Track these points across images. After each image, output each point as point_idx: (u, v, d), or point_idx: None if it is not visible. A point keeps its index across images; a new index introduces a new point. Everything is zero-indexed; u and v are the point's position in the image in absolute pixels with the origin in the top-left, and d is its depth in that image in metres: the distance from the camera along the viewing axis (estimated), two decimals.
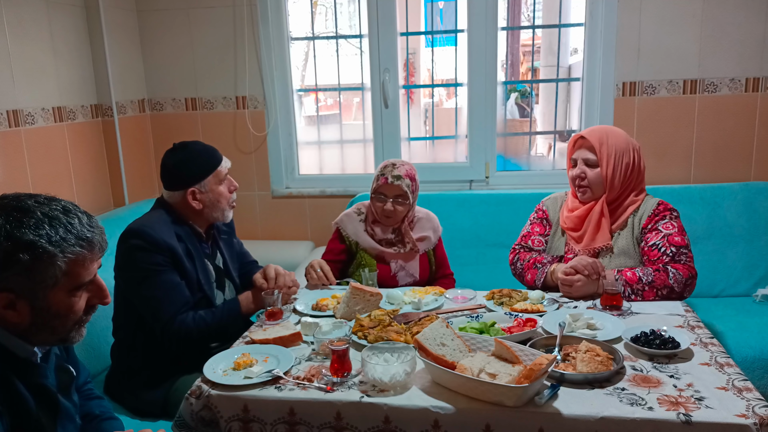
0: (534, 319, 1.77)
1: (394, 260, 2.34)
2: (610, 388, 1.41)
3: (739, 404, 1.31)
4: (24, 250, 1.08)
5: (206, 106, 3.43)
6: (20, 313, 1.12)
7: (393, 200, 2.26)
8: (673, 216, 2.10)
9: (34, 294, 1.11)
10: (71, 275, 1.14)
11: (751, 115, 3.03)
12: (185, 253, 1.92)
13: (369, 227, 2.35)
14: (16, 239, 1.07)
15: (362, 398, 1.42)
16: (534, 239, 2.28)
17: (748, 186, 2.93)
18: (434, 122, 3.78)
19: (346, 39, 3.49)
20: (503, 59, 3.37)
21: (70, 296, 1.16)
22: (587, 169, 2.14)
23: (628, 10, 2.99)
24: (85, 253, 1.15)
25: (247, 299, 2.01)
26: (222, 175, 2.00)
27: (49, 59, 2.79)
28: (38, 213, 1.11)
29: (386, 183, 2.25)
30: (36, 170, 2.68)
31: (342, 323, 1.77)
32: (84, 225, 1.16)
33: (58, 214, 1.13)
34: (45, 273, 1.10)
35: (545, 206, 2.33)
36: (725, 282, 2.86)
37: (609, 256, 2.11)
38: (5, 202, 1.12)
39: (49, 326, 1.16)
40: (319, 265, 2.21)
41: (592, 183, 2.14)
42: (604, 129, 2.19)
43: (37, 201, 1.14)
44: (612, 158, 2.11)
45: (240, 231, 2.42)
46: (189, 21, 3.33)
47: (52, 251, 1.10)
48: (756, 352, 2.29)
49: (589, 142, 2.13)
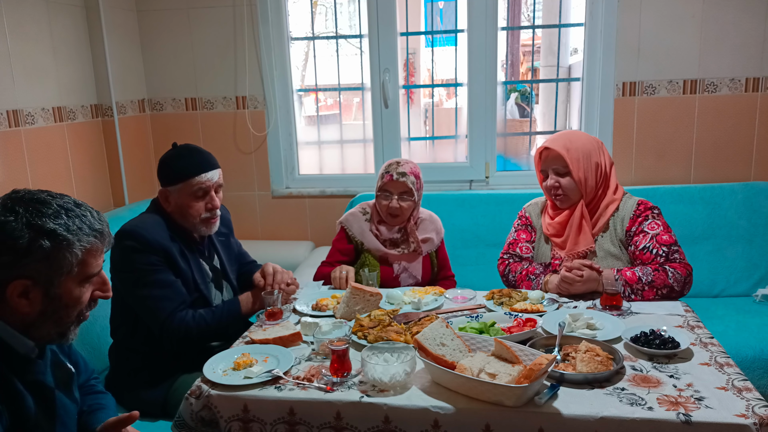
0: (534, 319, 1.77)
1: (397, 262, 2.33)
2: (609, 388, 1.41)
3: (738, 404, 1.31)
4: (45, 237, 1.13)
5: (206, 106, 3.43)
6: (32, 301, 1.16)
7: (398, 197, 2.26)
8: (655, 214, 2.11)
9: (50, 281, 1.16)
10: (84, 265, 1.19)
11: (751, 115, 3.03)
12: (179, 253, 1.91)
13: (374, 227, 2.35)
14: (37, 227, 1.13)
15: (362, 398, 1.42)
16: (522, 246, 2.29)
17: (748, 186, 2.93)
18: (434, 122, 3.78)
19: (346, 39, 3.49)
20: (503, 59, 3.37)
21: (80, 286, 1.21)
22: (559, 178, 2.14)
23: (628, 10, 2.99)
24: (97, 243, 1.21)
25: (247, 299, 2.00)
26: (194, 187, 1.89)
27: (49, 59, 2.80)
28: (54, 204, 1.17)
29: (391, 180, 2.25)
30: (36, 170, 2.69)
31: (342, 323, 1.77)
32: (95, 218, 1.22)
33: (71, 206, 1.20)
34: (63, 260, 1.15)
35: (528, 212, 2.35)
36: (725, 282, 2.86)
37: (594, 259, 2.11)
38: (21, 195, 1.17)
39: (56, 316, 1.20)
40: (345, 270, 2.20)
41: (567, 191, 2.14)
42: (566, 135, 2.20)
43: (50, 195, 1.20)
44: (581, 162, 2.12)
45: (240, 231, 2.43)
46: (189, 21, 3.33)
47: (71, 239, 1.16)
48: (756, 352, 2.30)
49: (555, 151, 2.13)
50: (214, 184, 1.94)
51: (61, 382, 1.31)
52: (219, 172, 1.97)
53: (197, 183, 1.90)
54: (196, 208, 1.91)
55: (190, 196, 1.90)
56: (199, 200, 1.91)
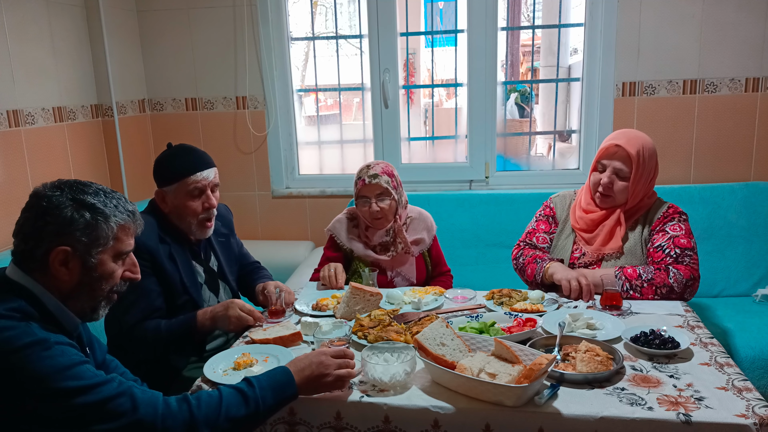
0: (534, 319, 1.77)
1: (389, 268, 2.31)
2: (609, 388, 1.41)
3: (738, 404, 1.31)
4: (87, 209, 1.28)
5: (206, 106, 3.43)
6: (71, 270, 1.28)
7: (376, 200, 2.22)
8: (682, 219, 2.09)
9: (88, 251, 1.28)
10: (118, 240, 1.32)
11: (751, 115, 3.03)
12: (167, 255, 1.90)
13: (362, 234, 2.32)
14: (80, 201, 1.28)
15: (362, 398, 1.42)
16: (539, 236, 2.26)
17: (748, 186, 2.93)
18: (434, 122, 3.78)
19: (346, 39, 3.50)
20: (503, 59, 3.37)
21: (114, 262, 1.33)
22: (616, 179, 2.07)
23: (628, 10, 2.99)
24: (129, 222, 1.35)
25: (204, 315, 1.87)
26: (189, 186, 1.89)
27: (49, 59, 2.80)
28: (94, 186, 1.34)
29: (365, 184, 2.21)
30: (36, 170, 2.69)
31: (342, 323, 1.77)
32: (126, 201, 1.37)
33: (108, 190, 1.36)
34: (100, 232, 1.29)
35: (553, 203, 2.31)
36: (725, 282, 2.86)
37: (617, 259, 2.10)
38: (63, 180, 1.33)
39: (91, 288, 1.31)
40: (333, 267, 2.19)
41: (616, 193, 2.09)
42: (640, 140, 2.08)
43: (90, 182, 1.36)
44: (643, 177, 2.07)
45: (240, 231, 2.42)
46: (189, 21, 3.33)
47: (108, 213, 1.30)
48: (756, 352, 2.30)
49: (626, 152, 2.04)
50: (210, 182, 1.93)
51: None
52: (215, 170, 1.96)
53: (193, 182, 1.89)
54: (193, 208, 1.91)
55: (186, 196, 1.90)
56: (196, 200, 1.91)
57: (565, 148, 3.70)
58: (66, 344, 1.23)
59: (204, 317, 1.86)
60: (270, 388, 1.34)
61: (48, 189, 1.29)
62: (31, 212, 1.27)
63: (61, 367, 1.17)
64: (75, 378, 1.17)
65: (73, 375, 1.17)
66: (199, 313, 1.87)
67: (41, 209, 1.26)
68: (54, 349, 1.18)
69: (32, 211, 1.27)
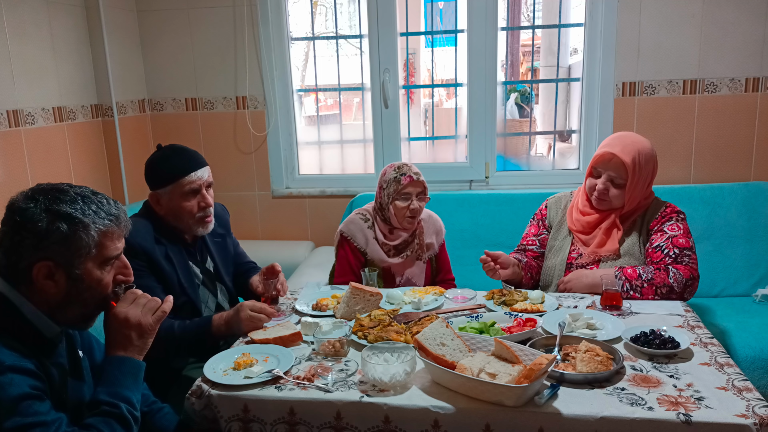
0: (534, 319, 1.77)
1: (399, 275, 2.29)
2: (609, 388, 1.41)
3: (739, 404, 1.31)
4: (62, 220, 1.22)
5: (206, 106, 3.43)
6: (57, 283, 1.24)
7: (417, 198, 2.22)
8: (680, 218, 2.10)
9: (71, 263, 1.24)
10: (101, 247, 1.27)
11: (751, 115, 3.03)
12: (164, 256, 1.89)
13: (380, 234, 2.27)
14: (54, 211, 1.23)
15: (362, 398, 1.42)
16: (529, 239, 2.32)
17: (748, 186, 2.93)
18: (434, 122, 3.78)
19: (346, 39, 3.50)
20: (503, 59, 3.37)
21: (100, 269, 1.28)
22: (611, 186, 2.07)
23: (628, 10, 2.99)
24: (113, 227, 1.29)
25: (219, 319, 1.85)
26: (184, 187, 1.88)
27: (49, 59, 2.80)
28: (72, 193, 1.27)
29: (412, 180, 2.20)
30: (36, 170, 2.69)
31: (342, 323, 1.77)
32: (111, 204, 1.31)
33: (89, 194, 1.29)
34: (80, 242, 1.24)
35: (547, 206, 2.34)
36: (725, 282, 2.86)
37: (614, 260, 2.10)
38: (42, 186, 1.28)
39: (81, 298, 1.27)
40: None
41: (612, 199, 2.09)
42: (636, 145, 2.06)
43: (70, 186, 1.30)
44: (639, 184, 2.07)
45: (240, 231, 2.42)
46: (189, 21, 3.33)
47: (86, 222, 1.24)
48: (756, 352, 2.29)
49: (621, 161, 2.03)
50: (204, 182, 1.93)
51: (73, 368, 1.36)
52: (208, 169, 1.96)
53: (187, 183, 1.89)
54: (189, 208, 1.90)
55: (181, 197, 1.89)
56: (191, 200, 1.90)
57: (565, 148, 3.70)
58: (19, 371, 1.16)
59: (219, 321, 1.84)
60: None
61: (22, 201, 1.24)
62: (7, 226, 1.23)
63: (5, 398, 1.12)
64: (14, 414, 1.12)
65: (12, 409, 1.12)
66: (215, 318, 1.86)
67: (16, 224, 1.22)
68: (4, 377, 1.13)
69: (8, 225, 1.23)
